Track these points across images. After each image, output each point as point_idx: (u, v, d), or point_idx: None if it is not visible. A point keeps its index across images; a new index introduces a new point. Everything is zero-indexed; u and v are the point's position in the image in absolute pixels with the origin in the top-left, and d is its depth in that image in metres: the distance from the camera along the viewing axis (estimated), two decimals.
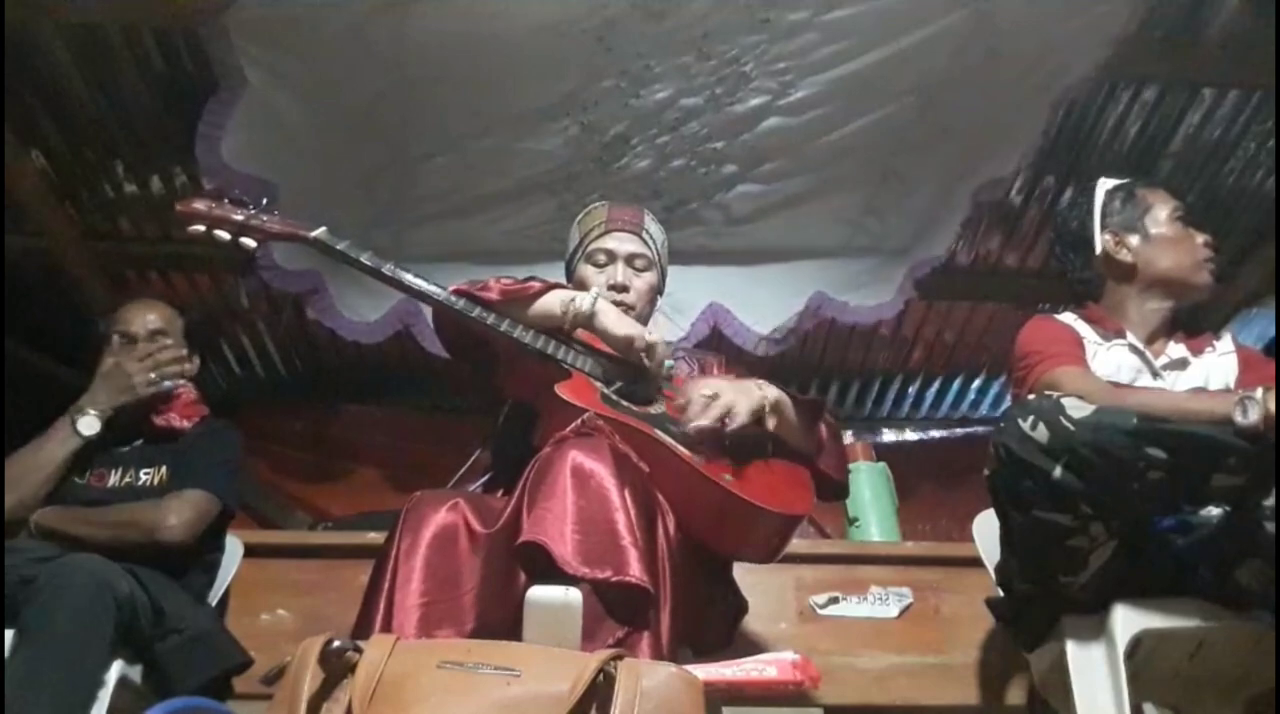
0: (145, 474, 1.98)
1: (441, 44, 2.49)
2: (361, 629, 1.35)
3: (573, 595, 1.27)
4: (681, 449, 1.55)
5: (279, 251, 2.87)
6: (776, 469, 1.65)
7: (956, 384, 3.90)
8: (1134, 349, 1.86)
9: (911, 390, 3.94)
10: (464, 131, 2.73)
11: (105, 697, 1.58)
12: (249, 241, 1.66)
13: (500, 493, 1.64)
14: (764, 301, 3.11)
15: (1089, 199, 1.98)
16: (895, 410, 4.00)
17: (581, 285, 1.87)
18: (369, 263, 1.63)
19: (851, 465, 2.88)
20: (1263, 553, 1.47)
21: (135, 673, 1.69)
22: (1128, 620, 1.54)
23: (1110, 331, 1.88)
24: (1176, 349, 1.89)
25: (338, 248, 1.64)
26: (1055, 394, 1.56)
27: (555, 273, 2.90)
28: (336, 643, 1.11)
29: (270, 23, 2.42)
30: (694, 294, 3.07)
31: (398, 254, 2.97)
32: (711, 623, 1.63)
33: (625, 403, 1.62)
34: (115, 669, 1.62)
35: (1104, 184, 1.98)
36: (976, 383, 3.90)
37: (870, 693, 2.30)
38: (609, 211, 1.95)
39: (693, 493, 1.52)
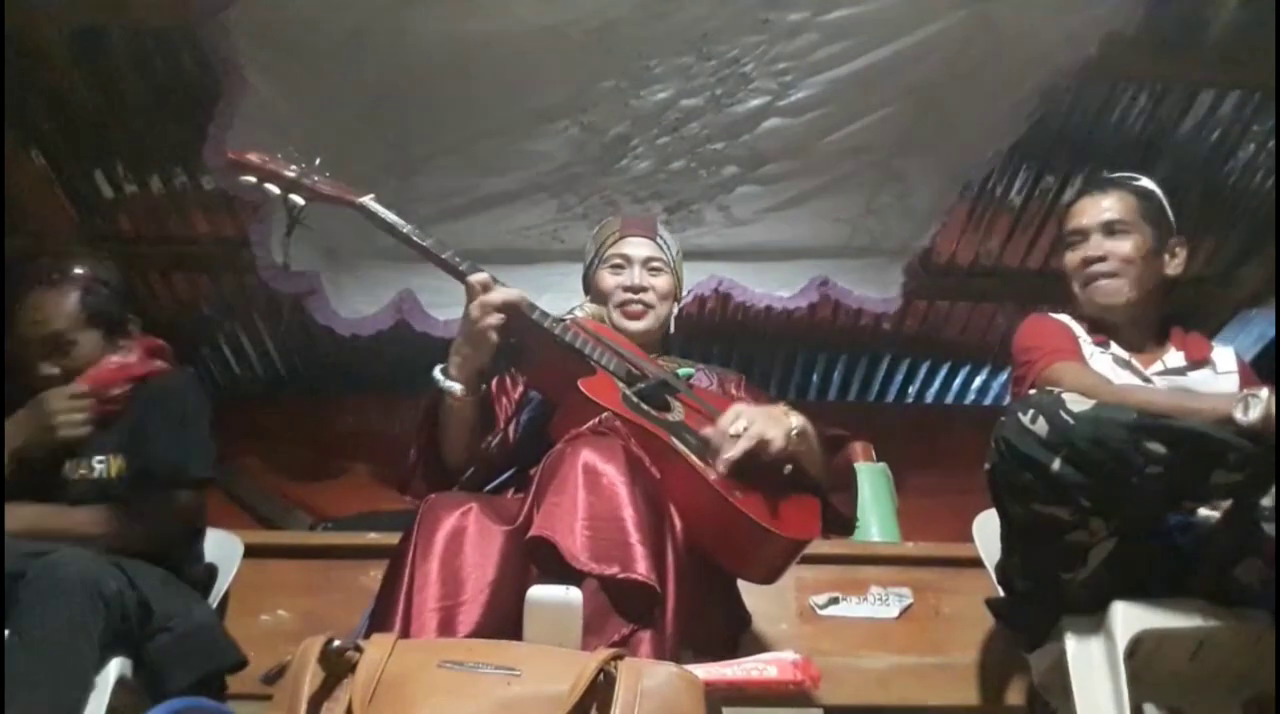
0: (99, 463, 1.87)
1: (441, 44, 2.49)
2: (379, 627, 1.34)
3: (573, 595, 1.27)
4: (695, 460, 1.55)
5: (279, 251, 2.87)
6: (788, 493, 1.64)
7: (958, 382, 3.92)
8: (1119, 360, 1.87)
9: (912, 389, 3.96)
10: (464, 132, 2.73)
11: (104, 697, 1.57)
12: (298, 199, 1.65)
13: (511, 493, 1.64)
14: (766, 286, 3.12)
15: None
16: (898, 402, 4.01)
17: (599, 293, 1.91)
18: (413, 235, 1.65)
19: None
20: (1261, 553, 1.48)
21: (130, 671, 1.68)
22: (1128, 620, 1.54)
23: (1096, 341, 1.90)
24: (1174, 357, 1.89)
25: (382, 217, 1.66)
26: (1056, 389, 1.57)
27: (555, 274, 2.95)
28: (337, 642, 1.11)
29: (270, 23, 2.42)
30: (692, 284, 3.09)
31: (399, 255, 2.98)
32: (714, 630, 1.63)
33: (645, 407, 1.62)
34: (114, 669, 1.61)
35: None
36: (977, 382, 3.92)
37: (870, 693, 2.30)
38: (623, 220, 2.02)
39: (702, 505, 1.51)
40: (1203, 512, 1.59)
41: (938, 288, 3.41)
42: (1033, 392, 1.63)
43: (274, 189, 1.64)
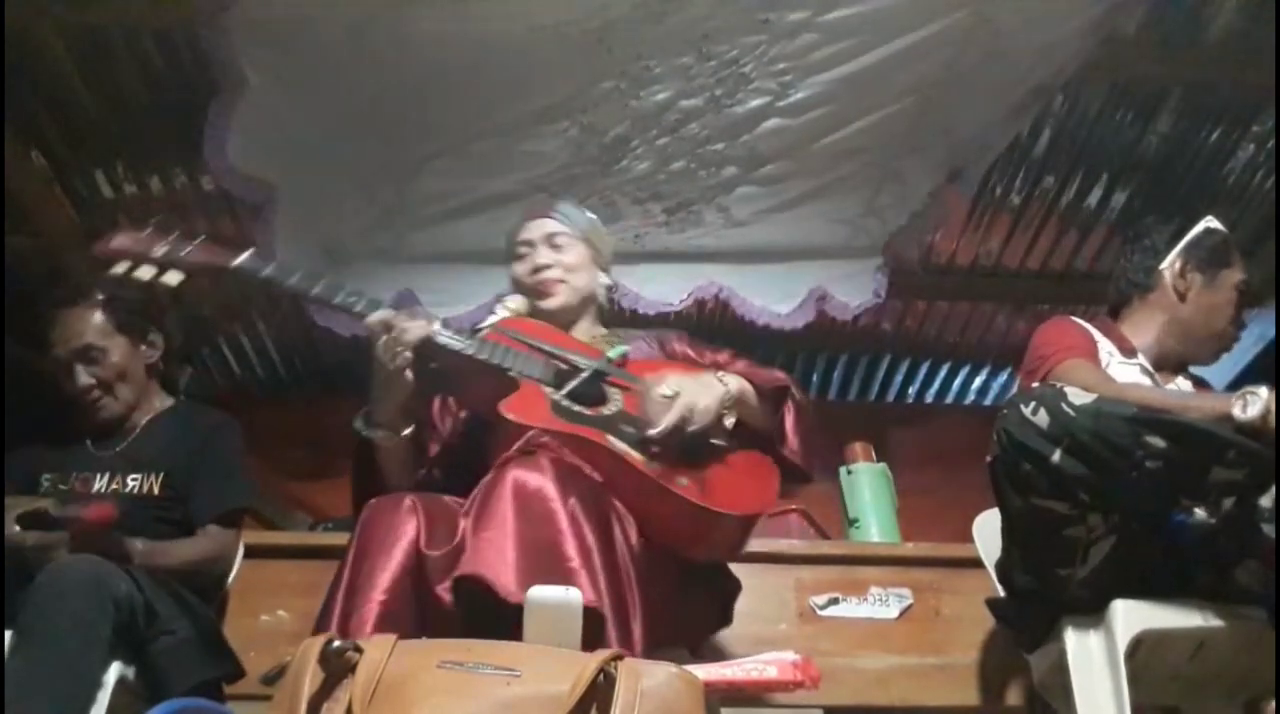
0: (133, 480, 1.93)
1: (441, 45, 2.48)
2: (321, 627, 1.33)
3: (573, 595, 1.27)
4: (635, 455, 1.53)
5: (279, 252, 2.87)
6: (735, 463, 1.62)
7: (958, 382, 3.92)
8: (1145, 371, 1.88)
9: (912, 389, 3.96)
10: (464, 133, 2.73)
11: (105, 698, 1.57)
12: (172, 279, 1.61)
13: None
14: (765, 295, 3.12)
15: (1189, 222, 2.04)
16: (898, 401, 4.02)
17: (516, 284, 1.87)
18: (298, 285, 1.61)
19: (851, 466, 2.90)
20: (1260, 554, 1.48)
21: (131, 673, 1.68)
22: (1128, 621, 1.54)
23: (1125, 350, 1.90)
24: (1184, 384, 1.95)
25: (262, 274, 1.62)
26: (1059, 383, 1.57)
27: None
28: (337, 643, 1.11)
29: (270, 23, 2.42)
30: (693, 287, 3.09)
31: (398, 256, 2.99)
32: (699, 614, 1.62)
33: (577, 408, 1.58)
34: (114, 670, 1.61)
35: (1210, 221, 2.04)
36: (977, 382, 3.92)
37: (870, 694, 2.30)
38: (524, 213, 1.98)
39: (648, 501, 1.50)
40: (1200, 513, 1.59)
41: (938, 288, 3.41)
42: (1035, 385, 1.64)
43: (146, 274, 1.60)
